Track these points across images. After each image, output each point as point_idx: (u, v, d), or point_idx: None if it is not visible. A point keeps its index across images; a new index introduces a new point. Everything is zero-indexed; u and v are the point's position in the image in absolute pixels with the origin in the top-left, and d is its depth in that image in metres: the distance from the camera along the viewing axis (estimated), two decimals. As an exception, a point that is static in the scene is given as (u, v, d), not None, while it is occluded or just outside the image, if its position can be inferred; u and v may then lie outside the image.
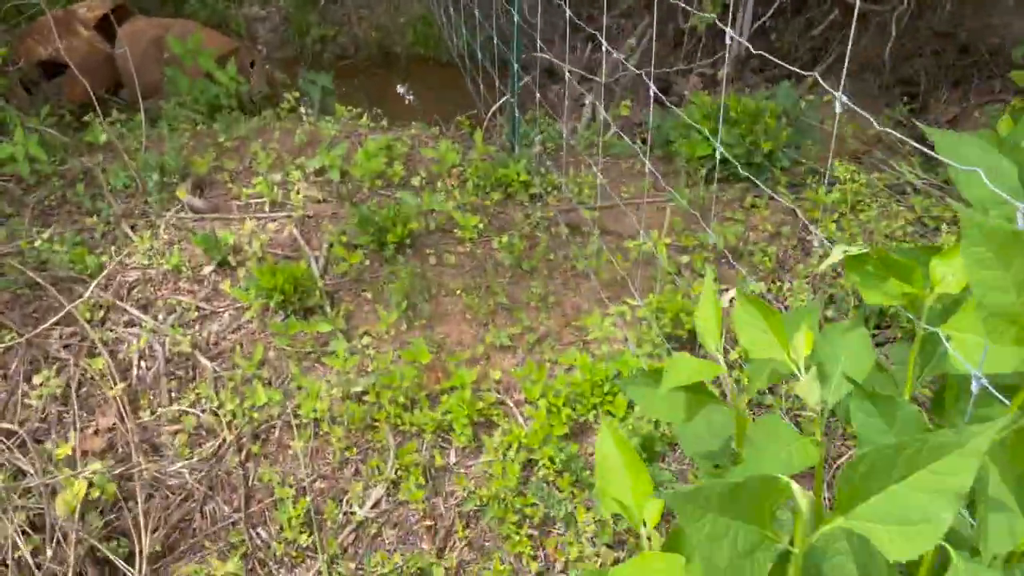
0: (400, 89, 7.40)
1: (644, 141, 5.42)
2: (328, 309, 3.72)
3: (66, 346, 3.72)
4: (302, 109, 5.47)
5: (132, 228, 4.46)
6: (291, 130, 5.30)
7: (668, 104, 3.35)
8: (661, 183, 3.97)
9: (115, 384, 3.47)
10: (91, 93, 5.34)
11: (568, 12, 3.72)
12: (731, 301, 3.72)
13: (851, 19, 6.73)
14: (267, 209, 4.55)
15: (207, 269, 4.11)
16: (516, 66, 4.38)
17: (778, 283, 3.66)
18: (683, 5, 4.44)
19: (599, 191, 4.53)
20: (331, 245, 4.14)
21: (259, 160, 4.91)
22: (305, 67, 7.82)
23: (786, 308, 3.48)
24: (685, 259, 3.66)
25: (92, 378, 3.53)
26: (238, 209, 4.60)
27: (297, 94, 5.64)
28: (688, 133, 4.47)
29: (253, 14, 8.15)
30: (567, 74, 5.02)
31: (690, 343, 3.32)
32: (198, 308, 3.91)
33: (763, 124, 4.15)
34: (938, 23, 6.49)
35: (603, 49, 6.40)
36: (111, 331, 3.80)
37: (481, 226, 4.23)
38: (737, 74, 6.80)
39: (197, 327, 3.82)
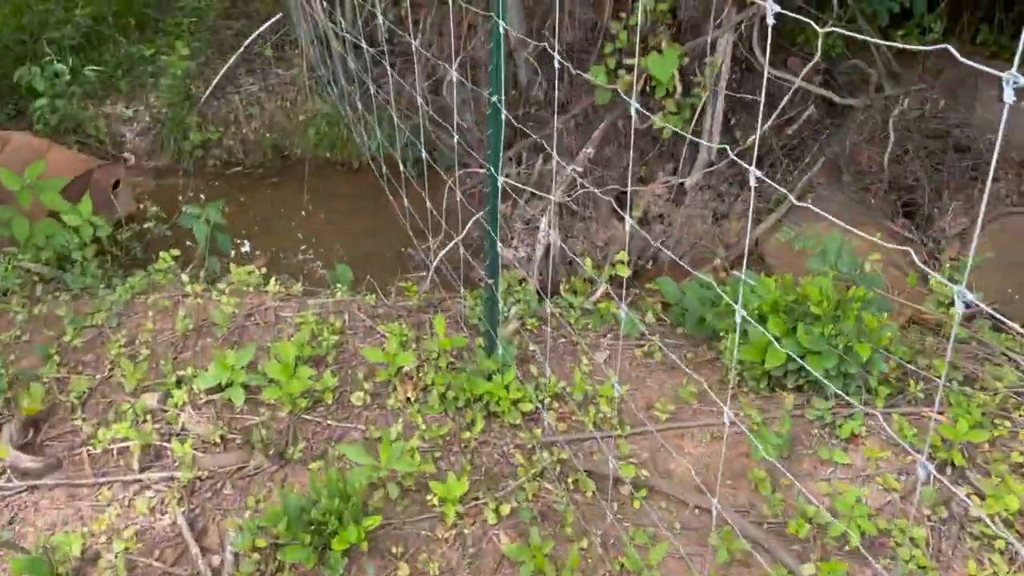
0: (307, 207, 5.73)
1: (640, 297, 3.97)
2: None
3: None
4: (184, 276, 3.76)
5: (-83, 519, 2.68)
6: (169, 310, 3.59)
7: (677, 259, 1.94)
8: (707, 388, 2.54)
9: None
10: None
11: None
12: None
13: (828, 116, 5.50)
14: (136, 464, 2.83)
15: (36, 611, 2.38)
16: (495, 240, 2.84)
17: (954, 602, 2.25)
18: (641, 111, 3.13)
19: (619, 402, 3.05)
20: (238, 555, 2.48)
21: (124, 370, 3.19)
22: (184, 178, 6.04)
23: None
24: (794, 546, 2.20)
25: None
26: (92, 464, 2.87)
27: (177, 252, 3.92)
28: (736, 318, 3.04)
29: (117, 114, 6.31)
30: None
31: None
32: None
33: (852, 319, 2.75)
34: (927, 120, 5.36)
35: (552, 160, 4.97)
36: None
37: (466, 485, 2.67)
38: (706, 181, 5.48)
39: None
